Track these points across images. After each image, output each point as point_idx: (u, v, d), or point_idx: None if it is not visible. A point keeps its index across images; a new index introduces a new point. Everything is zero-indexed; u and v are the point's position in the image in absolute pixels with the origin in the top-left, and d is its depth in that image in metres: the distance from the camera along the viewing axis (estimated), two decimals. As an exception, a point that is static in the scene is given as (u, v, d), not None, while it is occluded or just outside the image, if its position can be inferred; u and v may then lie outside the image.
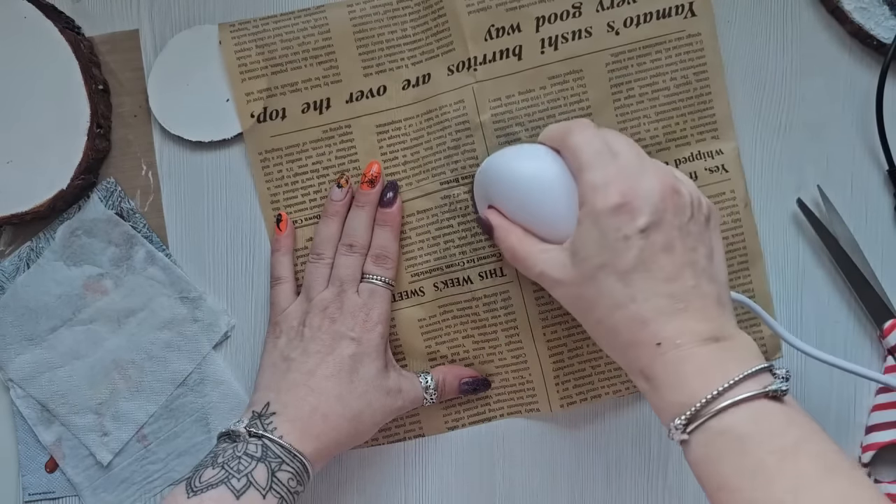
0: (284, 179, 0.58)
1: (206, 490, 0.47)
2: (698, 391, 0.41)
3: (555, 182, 0.48)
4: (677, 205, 0.44)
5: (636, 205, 0.43)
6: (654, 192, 0.44)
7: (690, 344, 0.42)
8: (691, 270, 0.43)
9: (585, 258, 0.44)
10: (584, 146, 0.46)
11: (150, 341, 0.59)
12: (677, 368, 0.42)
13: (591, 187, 0.45)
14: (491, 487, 0.59)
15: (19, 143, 0.56)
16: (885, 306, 0.56)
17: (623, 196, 0.43)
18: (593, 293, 0.44)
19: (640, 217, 0.43)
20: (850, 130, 0.58)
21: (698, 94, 0.56)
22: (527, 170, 0.50)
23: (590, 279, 0.44)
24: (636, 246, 0.43)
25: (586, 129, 0.48)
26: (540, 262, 0.47)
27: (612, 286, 0.43)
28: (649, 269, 0.43)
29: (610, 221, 0.43)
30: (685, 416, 0.41)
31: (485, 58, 0.56)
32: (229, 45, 0.57)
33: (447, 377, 0.57)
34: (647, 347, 0.43)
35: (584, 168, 0.46)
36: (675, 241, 0.43)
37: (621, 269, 0.43)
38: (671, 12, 0.56)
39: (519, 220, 0.50)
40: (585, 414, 0.59)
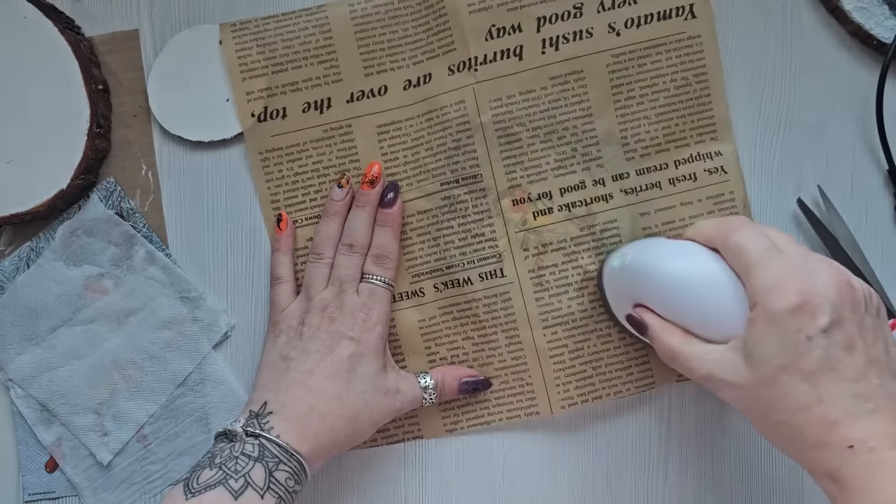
0: (285, 179, 0.58)
1: (204, 491, 0.47)
2: (892, 499, 0.39)
3: (716, 281, 0.47)
4: (853, 300, 0.43)
5: (815, 303, 0.42)
6: (831, 288, 0.42)
7: (885, 447, 0.40)
8: (875, 368, 0.42)
9: (763, 360, 0.43)
10: (750, 245, 0.45)
11: (150, 341, 0.59)
12: (872, 473, 0.40)
13: (765, 287, 0.43)
14: (491, 487, 0.59)
15: (19, 143, 0.56)
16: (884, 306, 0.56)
17: (801, 295, 0.42)
18: (774, 395, 0.43)
19: (822, 316, 0.42)
20: (850, 130, 0.58)
21: (698, 95, 0.56)
22: (683, 269, 0.48)
23: (770, 381, 0.43)
24: (820, 346, 0.41)
25: (749, 228, 0.46)
26: (707, 364, 0.46)
27: (796, 388, 0.42)
28: (835, 370, 0.41)
29: (790, 322, 0.42)
30: None
31: (485, 58, 0.56)
32: (230, 44, 0.57)
33: (446, 377, 0.57)
34: (836, 450, 0.41)
35: (753, 266, 0.44)
36: (855, 339, 0.42)
37: (806, 371, 0.42)
38: (671, 14, 0.56)
39: (676, 319, 0.48)
40: (586, 415, 0.59)
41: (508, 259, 0.57)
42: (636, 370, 0.57)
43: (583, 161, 0.56)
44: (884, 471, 0.40)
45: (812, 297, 0.42)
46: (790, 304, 0.42)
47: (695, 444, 0.58)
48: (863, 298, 0.43)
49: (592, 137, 0.56)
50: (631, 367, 0.57)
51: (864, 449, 0.40)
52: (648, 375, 0.57)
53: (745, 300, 0.45)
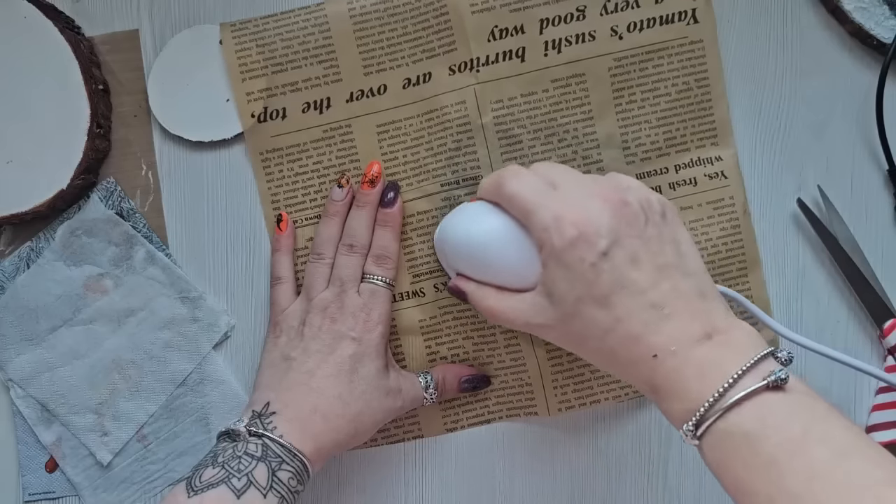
0: (285, 179, 0.58)
1: (207, 490, 0.47)
2: (700, 395, 0.40)
3: (508, 234, 0.48)
4: (630, 215, 0.44)
5: (591, 231, 0.43)
6: (604, 212, 0.44)
7: (685, 347, 0.42)
8: (664, 273, 0.43)
9: (562, 297, 0.44)
10: (521, 190, 0.46)
11: (150, 341, 0.59)
12: (678, 375, 0.42)
13: (543, 228, 0.45)
14: (491, 487, 0.59)
15: (19, 143, 0.56)
16: (885, 306, 0.56)
17: (576, 226, 0.43)
18: (580, 326, 0.44)
19: (599, 241, 0.43)
20: (850, 130, 0.58)
21: (699, 100, 0.56)
22: (478, 231, 0.49)
23: (572, 315, 0.44)
24: (605, 269, 0.43)
25: (517, 174, 0.48)
26: (522, 314, 0.47)
27: (595, 314, 0.43)
28: (624, 287, 0.43)
29: (572, 255, 0.43)
30: (692, 422, 0.41)
31: (487, 59, 0.56)
32: (230, 44, 0.57)
33: (447, 376, 0.57)
34: (645, 362, 0.43)
35: (530, 212, 0.46)
36: (639, 252, 0.43)
37: (598, 296, 0.43)
38: (674, 18, 0.56)
39: (488, 279, 0.50)
40: (586, 415, 0.59)
41: (508, 260, 0.57)
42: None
43: (583, 164, 0.56)
44: (685, 370, 0.42)
45: (586, 225, 0.43)
46: (568, 237, 0.43)
47: (695, 443, 0.58)
48: (640, 211, 0.44)
49: (593, 140, 0.56)
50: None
51: (667, 354, 0.42)
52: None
53: (533, 245, 0.46)
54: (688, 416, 0.41)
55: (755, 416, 0.39)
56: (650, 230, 0.44)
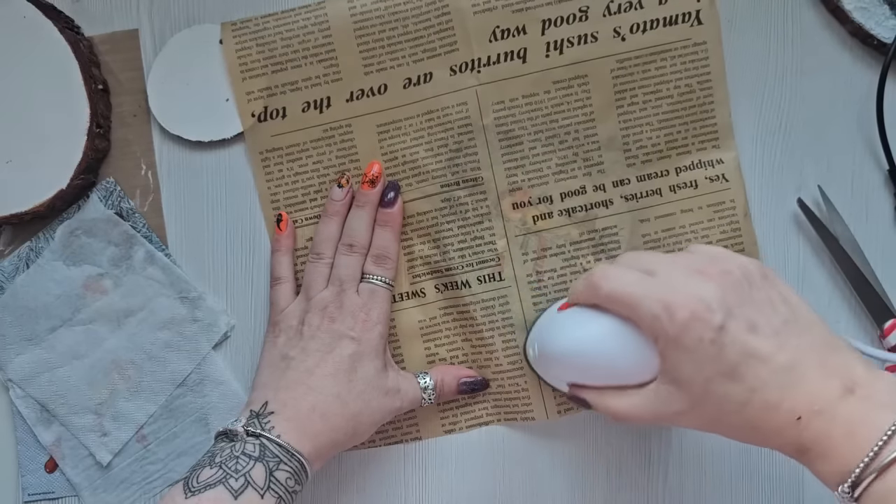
0: (285, 179, 0.58)
1: (204, 490, 0.47)
2: (853, 455, 0.39)
3: (618, 334, 0.47)
4: (734, 285, 0.43)
5: (702, 308, 0.42)
6: (710, 288, 0.43)
7: (829, 406, 0.40)
8: (785, 333, 0.42)
9: (689, 380, 0.43)
10: (620, 286, 0.46)
11: (150, 341, 0.59)
12: (826, 436, 0.40)
13: (653, 318, 0.44)
14: (491, 487, 0.59)
15: (19, 143, 0.56)
16: (885, 306, 0.56)
17: (686, 308, 0.42)
18: (715, 406, 0.43)
19: (714, 316, 0.42)
20: (850, 130, 0.57)
21: (701, 102, 0.56)
22: (587, 337, 0.48)
23: (704, 396, 0.43)
24: (726, 343, 0.42)
25: (610, 273, 0.47)
26: (649, 408, 0.46)
27: (728, 390, 0.42)
28: (751, 355, 0.42)
29: (690, 337, 0.42)
30: (847, 485, 0.39)
31: (489, 59, 0.56)
32: (230, 43, 0.57)
33: (446, 377, 0.57)
34: (790, 428, 0.41)
35: (635, 305, 0.45)
36: (754, 317, 0.42)
37: (726, 371, 0.42)
38: (678, 20, 0.56)
39: (606, 382, 0.49)
40: (586, 414, 0.59)
41: (507, 262, 0.57)
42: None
43: (584, 166, 0.56)
44: (835, 429, 0.40)
45: (696, 304, 0.42)
46: (681, 320, 0.42)
47: (695, 444, 0.58)
48: (742, 278, 0.44)
49: (594, 142, 0.56)
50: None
51: (811, 415, 0.41)
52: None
53: (645, 337, 0.45)
54: (842, 478, 0.40)
55: None
56: (757, 294, 0.43)
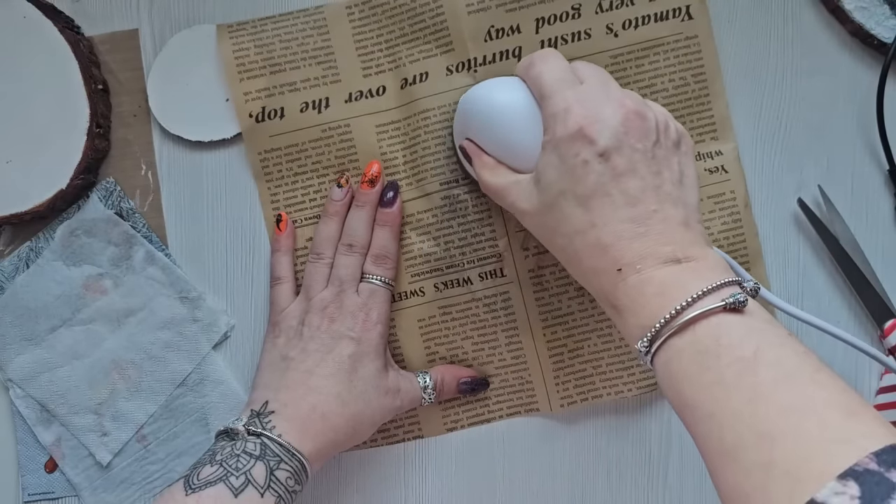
0: (284, 179, 0.58)
1: (205, 488, 0.47)
2: (658, 312, 0.40)
3: (525, 113, 0.48)
4: (641, 129, 0.43)
5: (595, 129, 0.43)
6: (616, 117, 0.43)
7: (651, 267, 0.41)
8: (654, 195, 0.43)
9: (547, 185, 0.44)
10: (546, 74, 0.46)
11: (150, 341, 0.59)
12: (638, 292, 0.41)
13: (552, 115, 0.45)
14: (491, 487, 0.59)
15: (19, 143, 0.56)
16: (885, 306, 0.56)
17: (581, 121, 0.43)
18: (556, 219, 0.44)
19: (600, 141, 0.43)
20: (850, 130, 0.57)
21: (697, 95, 0.56)
22: (499, 101, 0.50)
23: (552, 206, 0.44)
24: (595, 171, 0.43)
25: (549, 58, 0.47)
26: (512, 194, 0.47)
27: (573, 212, 0.43)
28: (609, 194, 0.42)
29: (569, 147, 0.43)
30: (647, 338, 0.40)
31: (484, 59, 0.56)
32: (227, 45, 0.57)
33: (446, 377, 0.57)
34: (609, 274, 0.42)
35: (546, 96, 0.46)
36: (637, 166, 0.43)
37: (581, 195, 0.43)
38: (669, 15, 0.56)
39: (492, 151, 0.50)
40: (586, 414, 0.59)
41: (508, 259, 0.57)
42: (637, 370, 0.57)
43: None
44: (647, 288, 0.41)
45: (592, 122, 0.43)
46: (571, 129, 0.43)
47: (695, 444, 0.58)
48: (654, 129, 0.44)
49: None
50: (632, 367, 0.57)
51: (631, 271, 0.42)
52: (650, 376, 0.57)
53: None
54: (643, 332, 0.41)
55: (709, 335, 0.39)
56: (657, 150, 0.44)
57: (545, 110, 0.46)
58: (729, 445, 0.36)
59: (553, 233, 0.45)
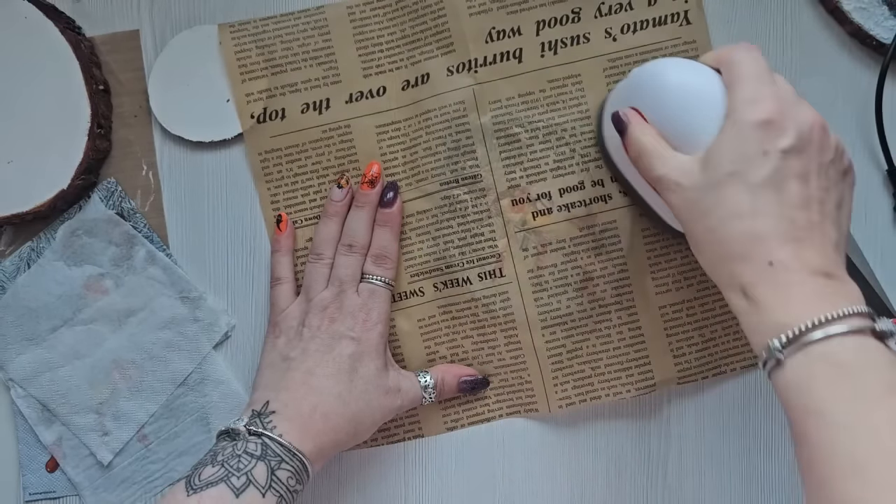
0: (284, 180, 0.58)
1: (206, 488, 0.47)
2: (804, 315, 0.40)
3: (704, 96, 0.46)
4: (823, 142, 0.43)
5: (784, 125, 0.42)
6: (806, 120, 0.43)
7: (802, 271, 0.41)
8: (819, 208, 0.42)
9: (718, 164, 0.43)
10: (747, 63, 0.45)
11: (151, 341, 0.59)
12: (786, 291, 0.41)
13: (743, 100, 0.44)
14: (491, 487, 0.59)
15: (20, 144, 0.56)
16: (884, 306, 0.56)
17: (773, 113, 0.42)
18: (713, 200, 0.43)
19: (786, 137, 0.42)
20: (849, 130, 0.58)
21: None
22: (682, 81, 0.48)
23: (714, 185, 0.43)
24: (773, 163, 0.42)
25: (753, 51, 0.46)
26: (666, 165, 0.46)
27: (738, 195, 0.42)
28: (780, 190, 0.42)
29: (754, 133, 0.42)
30: (786, 336, 0.40)
31: (485, 60, 0.56)
32: (229, 45, 0.57)
33: (446, 376, 0.57)
34: (757, 264, 0.42)
35: (740, 81, 0.44)
36: (811, 174, 0.42)
37: (752, 182, 0.42)
38: (667, 20, 0.56)
39: (659, 128, 0.48)
40: (585, 414, 0.59)
41: (508, 259, 0.57)
42: (636, 371, 0.57)
43: (582, 162, 0.57)
44: (795, 290, 0.41)
45: (783, 118, 0.42)
46: (760, 117, 0.42)
47: (695, 444, 0.58)
48: (834, 148, 0.44)
49: (591, 139, 0.56)
50: (631, 369, 0.57)
51: (782, 268, 0.41)
52: (649, 377, 0.57)
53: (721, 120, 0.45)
54: (781, 330, 0.40)
55: (857, 351, 0.39)
56: (830, 170, 0.43)
57: (736, 93, 0.44)
58: (861, 459, 0.36)
59: (705, 213, 0.43)
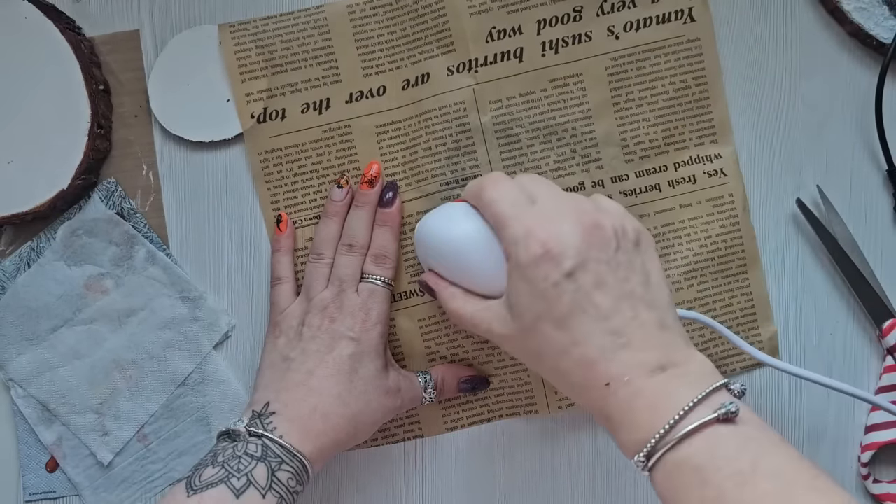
0: (284, 180, 0.58)
1: (206, 489, 0.47)
2: (651, 426, 0.40)
3: (482, 241, 0.48)
4: (601, 239, 0.43)
5: (558, 251, 0.43)
6: (575, 234, 0.43)
7: (639, 378, 0.41)
8: (628, 302, 0.43)
9: (522, 312, 0.44)
10: (498, 200, 0.46)
11: (151, 341, 0.59)
12: (629, 406, 0.41)
13: (512, 241, 0.44)
14: (491, 487, 0.59)
15: (20, 144, 0.56)
16: (884, 306, 0.56)
17: (543, 245, 0.43)
18: (537, 344, 0.44)
19: (565, 262, 0.42)
20: (849, 130, 0.58)
21: (697, 98, 0.56)
22: (455, 233, 0.49)
23: (531, 330, 0.44)
24: (567, 291, 0.42)
25: (498, 183, 0.47)
26: (484, 321, 0.47)
27: (552, 334, 0.43)
28: (585, 311, 0.42)
29: (536, 272, 0.43)
30: (643, 454, 0.40)
31: (486, 59, 0.56)
32: (229, 45, 0.57)
33: (446, 376, 0.57)
34: (598, 389, 0.42)
35: (503, 224, 0.45)
36: (605, 277, 0.43)
37: (557, 317, 0.43)
38: (670, 17, 0.56)
39: (457, 280, 0.50)
40: (585, 414, 0.59)
41: (508, 259, 0.57)
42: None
43: (582, 162, 0.57)
44: (637, 403, 0.41)
45: (554, 244, 0.43)
46: (534, 254, 0.43)
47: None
48: (613, 237, 0.44)
49: (592, 139, 0.56)
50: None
51: (619, 384, 0.42)
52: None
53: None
54: (638, 447, 0.41)
55: (705, 449, 0.39)
56: (620, 256, 0.44)
57: (505, 238, 0.45)
58: None
59: (537, 356, 0.45)
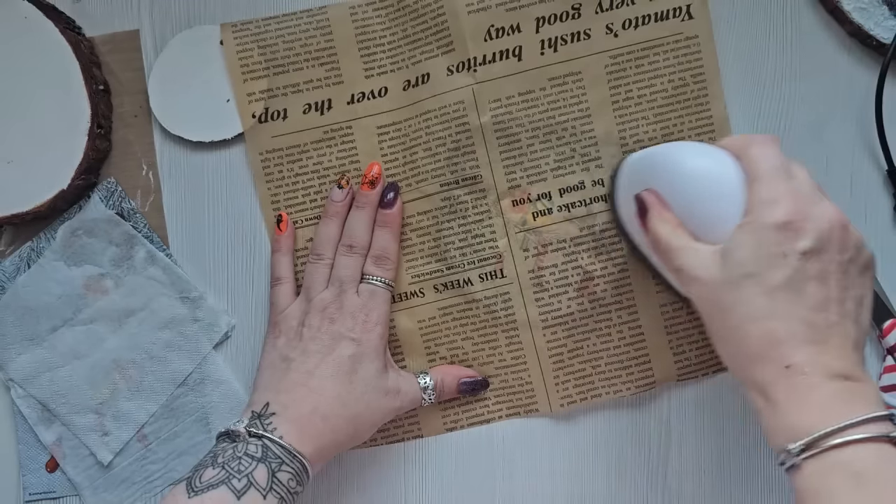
0: (285, 180, 0.58)
1: (207, 490, 0.47)
2: (820, 421, 0.40)
3: (726, 185, 0.46)
4: (843, 240, 0.43)
5: (803, 227, 0.42)
6: (824, 220, 0.43)
7: (818, 375, 0.41)
8: (838, 308, 0.42)
9: (736, 264, 0.43)
10: (764, 159, 0.45)
11: (151, 341, 0.59)
12: (803, 395, 0.41)
13: (761, 199, 0.44)
14: (491, 487, 0.59)
15: (20, 144, 0.56)
16: (884, 306, 0.56)
17: (791, 215, 0.42)
18: (733, 299, 0.43)
19: (804, 239, 0.42)
20: (849, 130, 0.58)
21: (695, 96, 0.56)
22: (701, 166, 0.48)
23: (733, 285, 0.43)
24: (791, 266, 0.42)
25: (769, 145, 0.46)
26: (689, 258, 0.46)
27: (754, 298, 0.42)
28: (798, 292, 0.42)
29: (772, 235, 0.42)
30: (803, 442, 0.40)
31: (484, 58, 0.56)
32: (231, 45, 0.57)
33: (446, 377, 0.57)
34: (774, 366, 0.42)
35: (759, 179, 0.44)
36: (830, 275, 0.42)
37: (769, 284, 0.42)
38: (669, 15, 0.56)
39: (677, 212, 0.48)
40: (585, 414, 0.59)
41: (508, 260, 0.57)
42: (636, 370, 0.57)
43: (582, 161, 0.57)
44: (812, 394, 0.41)
45: (802, 220, 0.42)
46: (778, 219, 0.42)
47: (695, 444, 0.58)
48: (853, 246, 0.44)
49: (591, 138, 0.56)
50: (631, 367, 0.57)
51: (798, 371, 0.41)
52: (649, 375, 0.57)
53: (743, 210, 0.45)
54: (797, 435, 0.40)
55: (873, 460, 0.39)
56: (850, 267, 0.43)
57: (756, 193, 0.44)
58: None
59: (724, 311, 0.44)
